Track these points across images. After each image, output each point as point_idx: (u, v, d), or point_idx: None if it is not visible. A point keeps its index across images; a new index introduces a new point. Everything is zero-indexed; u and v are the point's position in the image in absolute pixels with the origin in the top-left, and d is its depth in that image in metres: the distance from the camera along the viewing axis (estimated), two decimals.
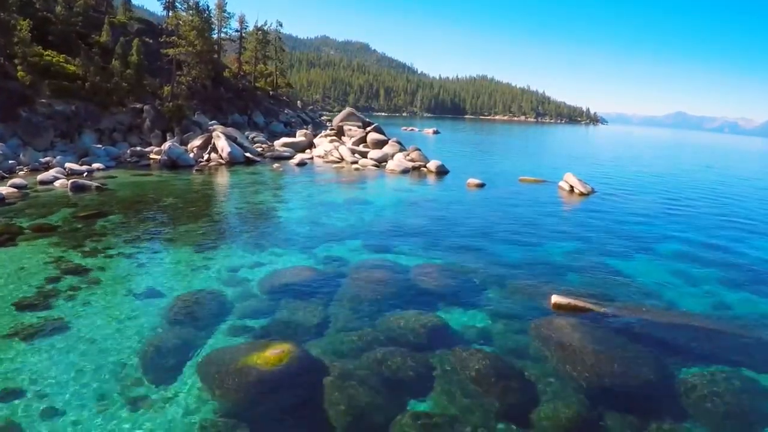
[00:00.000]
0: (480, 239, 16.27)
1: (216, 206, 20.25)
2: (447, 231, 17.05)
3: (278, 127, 61.45)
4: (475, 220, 18.91)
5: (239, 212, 19.22)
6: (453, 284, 11.75)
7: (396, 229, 16.97)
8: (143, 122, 40.62)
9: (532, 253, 15.09)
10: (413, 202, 21.94)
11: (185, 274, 12.55)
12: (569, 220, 20.27)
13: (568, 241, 16.96)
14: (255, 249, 14.44)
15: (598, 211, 22.12)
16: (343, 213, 19.15)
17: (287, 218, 18.15)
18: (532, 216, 20.26)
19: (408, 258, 13.82)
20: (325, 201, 21.49)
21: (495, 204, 22.57)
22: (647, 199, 26.25)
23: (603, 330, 9.78)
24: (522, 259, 14.45)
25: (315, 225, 17.20)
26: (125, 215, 18.32)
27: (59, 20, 41.11)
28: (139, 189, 23.51)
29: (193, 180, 26.57)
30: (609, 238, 17.59)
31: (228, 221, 17.78)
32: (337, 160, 37.02)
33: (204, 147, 36.48)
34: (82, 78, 37.62)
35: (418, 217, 19.05)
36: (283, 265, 13.04)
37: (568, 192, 26.80)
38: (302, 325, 9.55)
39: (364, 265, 12.99)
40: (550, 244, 16.38)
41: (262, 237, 15.66)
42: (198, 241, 15.30)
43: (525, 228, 18.19)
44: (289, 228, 16.77)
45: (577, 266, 14.21)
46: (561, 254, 15.31)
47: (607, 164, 46.36)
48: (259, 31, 73.47)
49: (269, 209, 19.82)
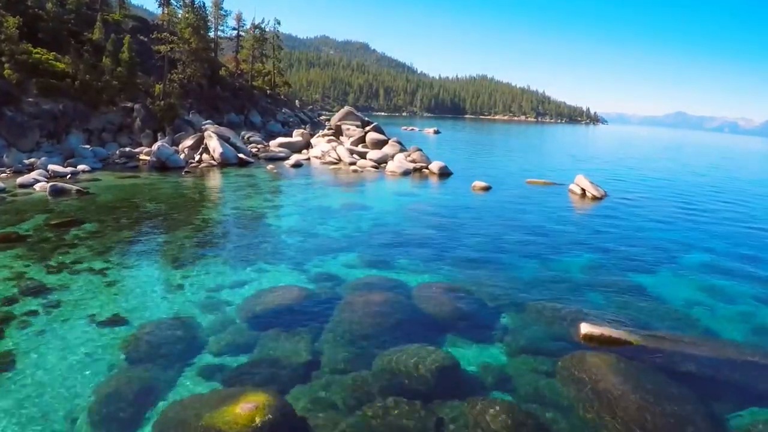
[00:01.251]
0: (490, 251, 14.72)
1: (201, 213, 18.69)
2: (453, 241, 15.48)
3: (275, 127, 60.04)
4: (484, 229, 17.34)
5: (225, 220, 17.65)
6: (462, 309, 10.17)
7: (396, 239, 15.39)
8: (134, 122, 39.13)
9: (549, 268, 13.54)
10: (415, 208, 20.36)
11: (158, 295, 11.01)
12: (584, 227, 18.70)
13: (586, 252, 15.44)
14: (239, 264, 12.89)
15: (614, 217, 20.58)
16: (339, 220, 17.58)
17: (277, 227, 16.57)
18: (544, 223, 18.71)
19: (410, 275, 12.26)
20: (320, 206, 19.91)
21: (503, 209, 20.99)
22: (662, 203, 24.70)
23: (643, 369, 8.22)
24: (538, 275, 12.90)
25: (307, 235, 15.62)
26: (102, 223, 16.81)
27: (50, 17, 39.75)
28: (123, 193, 22.01)
29: (181, 183, 25.02)
30: (629, 249, 16.07)
31: (212, 230, 16.22)
32: (335, 161, 35.46)
33: (196, 147, 34.95)
34: (72, 76, 36.22)
35: (420, 225, 17.48)
36: (270, 284, 11.49)
37: (580, 196, 25.24)
38: (286, 365, 8.00)
39: (360, 284, 11.43)
40: (566, 256, 14.84)
41: (248, 249, 14.09)
42: (177, 254, 13.76)
43: (538, 237, 16.64)
44: (279, 238, 15.20)
45: (600, 283, 12.68)
46: (580, 268, 13.78)
47: (614, 165, 44.74)
48: (256, 28, 72.00)
49: (258, 216, 18.23)
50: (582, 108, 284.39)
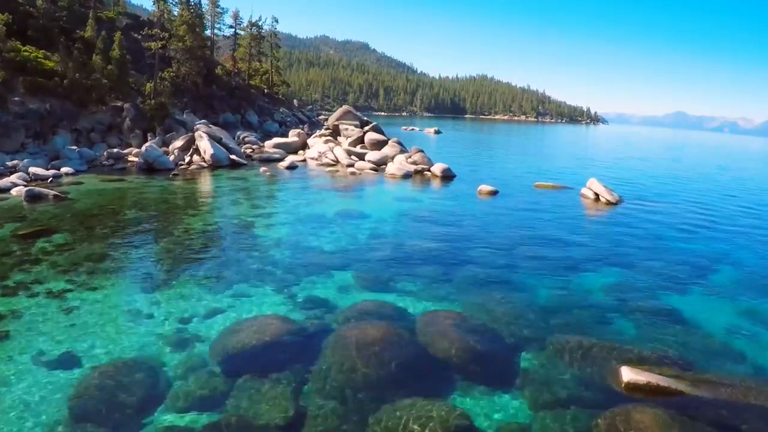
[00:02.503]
0: (501, 268, 13.17)
1: (183, 221, 17.14)
2: (459, 256, 13.92)
3: (273, 127, 58.59)
4: (493, 240, 15.77)
5: (209, 230, 16.08)
6: (474, 347, 8.60)
7: (396, 254, 13.82)
8: (123, 122, 37.66)
9: (569, 289, 12.01)
10: (418, 216, 18.78)
11: (121, 326, 9.48)
12: (602, 237, 17.15)
13: (607, 267, 13.93)
14: (219, 285, 11.35)
15: (632, 225, 19.05)
16: (333, 231, 16.01)
17: (265, 239, 15.00)
18: (558, 233, 17.16)
19: (412, 300, 10.71)
20: (314, 214, 18.34)
21: (513, 217, 19.42)
22: (678, 209, 23.13)
23: (700, 429, 6.71)
24: (558, 298, 11.36)
25: (297, 249, 14.05)
26: (73, 234, 15.31)
27: (41, 14, 38.41)
28: (103, 198, 20.52)
29: (167, 187, 23.48)
30: (653, 263, 14.57)
31: (192, 243, 14.66)
32: (332, 163, 33.90)
33: (186, 148, 33.40)
34: (61, 74, 34.80)
35: (423, 236, 15.91)
36: (251, 312, 9.95)
37: (593, 200, 23.69)
38: (264, 424, 6.47)
39: (355, 311, 9.85)
40: (587, 273, 13.33)
41: (230, 266, 12.55)
42: (150, 272, 12.23)
43: (553, 250, 15.10)
44: (266, 253, 13.63)
45: (628, 308, 11.17)
46: (603, 289, 12.26)
47: (621, 166, 43.07)
48: (253, 26, 70.49)
49: (245, 226, 16.66)
50: (582, 108, 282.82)
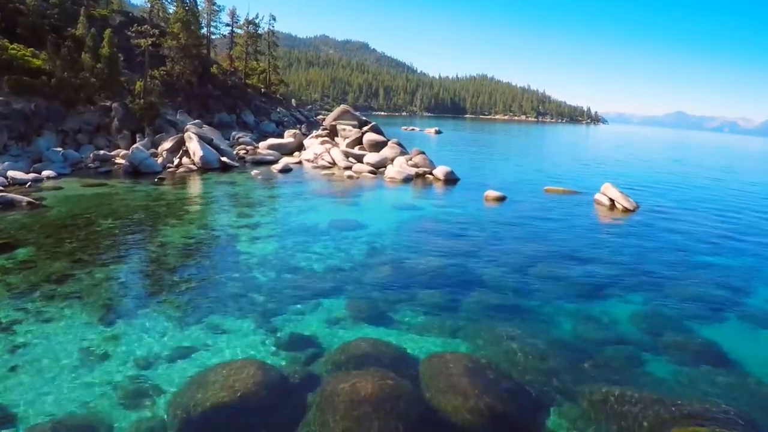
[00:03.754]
0: (515, 293, 11.53)
1: (161, 233, 15.49)
2: (468, 277, 12.27)
3: (269, 127, 57.04)
4: (504, 256, 14.11)
5: (188, 244, 14.41)
6: (493, 403, 6.91)
7: (396, 275, 12.17)
8: (111, 122, 36.04)
9: (594, 319, 10.41)
10: (419, 227, 17.12)
11: (70, 371, 7.89)
12: (623, 251, 15.48)
13: (633, 289, 12.34)
14: (190, 316, 9.71)
15: (653, 237, 17.43)
16: (326, 246, 14.33)
17: (248, 256, 13.33)
18: (575, 246, 15.53)
19: (415, 337, 9.07)
20: (305, 225, 16.67)
21: (524, 228, 17.72)
22: (698, 217, 21.42)
23: None
24: (584, 333, 9.75)
25: (284, 268, 12.38)
26: (39, 248, 13.72)
27: (30, 12, 36.94)
28: (80, 206, 18.94)
29: (151, 192, 21.84)
30: (681, 283, 13.00)
31: (167, 261, 13.02)
32: (329, 165, 32.28)
33: (175, 150, 31.75)
34: (48, 73, 33.04)
35: (426, 251, 14.24)
36: (223, 355, 8.32)
37: (608, 207, 22.05)
38: None
39: (346, 355, 8.17)
40: (612, 297, 11.73)
41: (205, 291, 10.90)
42: (113, 298, 10.60)
43: (572, 268, 13.45)
44: (248, 274, 11.98)
45: (662, 344, 9.61)
46: (633, 319, 10.66)
47: (631, 168, 41.26)
48: (249, 24, 68.89)
49: (228, 239, 14.98)
50: (582, 108, 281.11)
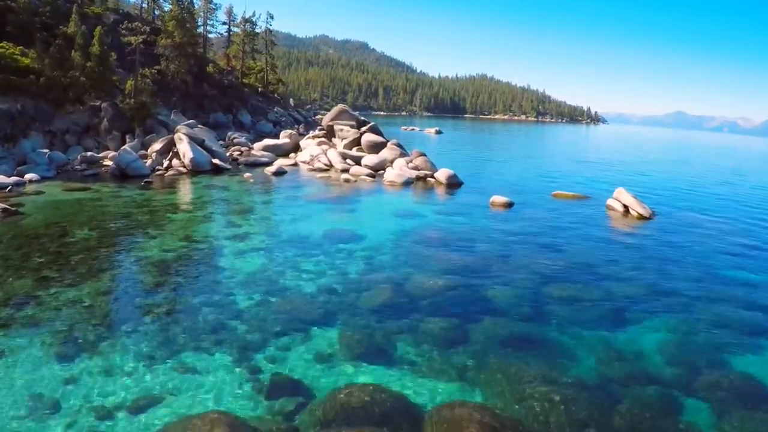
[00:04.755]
0: (529, 320, 10.12)
1: (138, 246, 14.05)
2: (476, 301, 10.83)
3: (266, 127, 55.67)
4: (515, 273, 12.65)
5: (165, 260, 12.94)
6: None
7: (396, 298, 10.70)
8: (100, 122, 34.64)
9: (621, 354, 9.05)
10: (422, 238, 15.63)
11: (11, 423, 6.42)
12: (644, 265, 14.01)
13: (659, 313, 10.99)
14: (159, 352, 8.31)
15: (674, 247, 16.01)
16: (319, 262, 12.86)
17: (232, 274, 11.86)
18: (591, 260, 14.10)
19: (418, 380, 7.64)
20: (296, 236, 15.20)
21: (535, 239, 16.22)
22: (719, 225, 19.93)
23: None
24: (610, 371, 8.40)
25: (270, 290, 10.91)
26: (5, 262, 12.53)
27: (21, 9, 35.62)
28: (58, 213, 17.58)
29: (135, 198, 20.40)
30: (711, 304, 11.69)
31: (140, 280, 11.59)
32: (325, 168, 30.83)
33: (166, 152, 30.31)
34: (37, 72, 31.74)
35: (429, 268, 12.77)
36: (191, 405, 6.88)
37: (622, 214, 20.61)
38: None
39: (337, 406, 6.72)
40: (636, 324, 10.40)
41: (180, 320, 9.46)
42: (75, 328, 9.19)
43: (589, 287, 12.03)
44: (230, 297, 10.52)
45: (702, 385, 8.25)
46: (662, 351, 9.33)
47: (638, 170, 39.74)
48: (246, 22, 67.54)
49: (211, 253, 13.50)
50: (582, 107, 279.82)
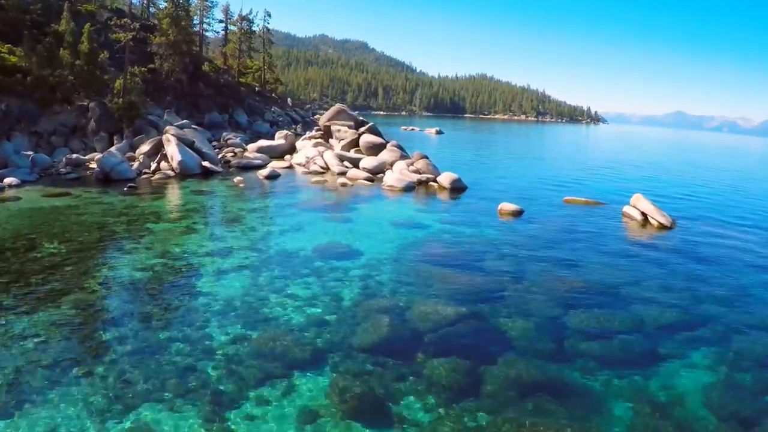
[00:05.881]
0: (552, 360, 8.65)
1: (108, 263, 12.56)
2: (489, 335, 9.34)
3: (263, 127, 54.35)
4: (531, 298, 11.11)
5: (134, 282, 11.43)
6: None
7: (397, 333, 9.15)
8: (88, 123, 33.20)
9: (657, 402, 7.66)
10: (425, 254, 14.07)
11: None
12: (673, 287, 12.46)
13: (695, 347, 9.56)
14: (114, 406, 6.90)
15: (703, 263, 14.53)
16: (309, 284, 11.32)
17: (208, 301, 10.33)
18: (614, 280, 12.62)
19: None
20: (286, 251, 13.67)
21: (550, 253, 14.65)
22: (751, 238, 18.13)
23: None
24: (646, 426, 6.89)
25: (251, 322, 9.38)
26: None
27: (10, 7, 34.33)
28: (31, 222, 16.24)
29: (116, 205, 18.92)
30: (753, 334, 10.33)
31: (102, 308, 10.09)
32: (322, 170, 29.32)
33: (154, 154, 28.80)
34: (25, 71, 30.48)
35: (435, 293, 11.20)
36: None
37: (640, 223, 19.12)
38: None
39: None
40: (672, 360, 9.07)
41: (142, 362, 7.98)
42: (21, 370, 7.72)
43: (616, 315, 10.58)
44: (203, 332, 9.00)
45: None
46: (705, 398, 8.03)
47: (647, 173, 38.10)
48: (243, 20, 66.14)
49: (188, 274, 11.95)
50: (582, 107, 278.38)
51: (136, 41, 39.09)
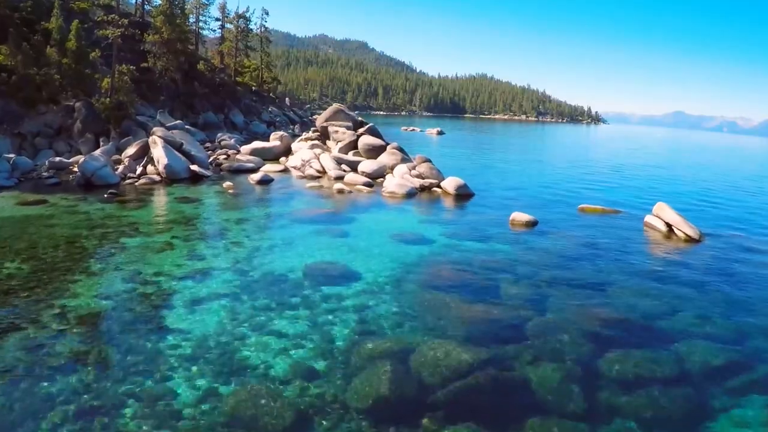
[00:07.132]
0: (590, 422, 7.08)
1: (68, 289, 10.96)
2: (510, 388, 7.76)
3: (260, 128, 52.97)
4: (553, 333, 9.49)
5: (94, 314, 9.82)
6: None
7: (399, 387, 7.48)
8: (74, 124, 31.70)
9: None
10: (431, 276, 12.44)
11: None
12: (714, 318, 10.84)
13: (746, 392, 8.23)
14: None
15: (741, 286, 12.90)
16: (297, 318, 9.68)
17: (177, 341, 8.70)
18: (645, 306, 11.06)
19: None
20: (272, 274, 12.05)
21: (571, 274, 13.04)
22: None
23: None
24: None
25: (223, 373, 7.72)
26: None
27: None
28: None
29: (92, 215, 17.37)
30: None
31: (53, 352, 8.49)
32: (318, 174, 27.76)
33: (140, 157, 27.23)
34: (9, 69, 29.29)
35: (443, 329, 9.51)
36: None
37: (664, 235, 17.54)
38: None
39: None
40: (720, 411, 7.71)
41: (98, 417, 6.39)
42: None
43: (654, 352, 9.04)
44: (163, 388, 7.36)
45: None
46: None
47: (657, 175, 36.44)
48: (240, 18, 64.62)
49: (155, 306, 10.26)
50: (583, 107, 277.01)
51: (128, 39, 37.59)
